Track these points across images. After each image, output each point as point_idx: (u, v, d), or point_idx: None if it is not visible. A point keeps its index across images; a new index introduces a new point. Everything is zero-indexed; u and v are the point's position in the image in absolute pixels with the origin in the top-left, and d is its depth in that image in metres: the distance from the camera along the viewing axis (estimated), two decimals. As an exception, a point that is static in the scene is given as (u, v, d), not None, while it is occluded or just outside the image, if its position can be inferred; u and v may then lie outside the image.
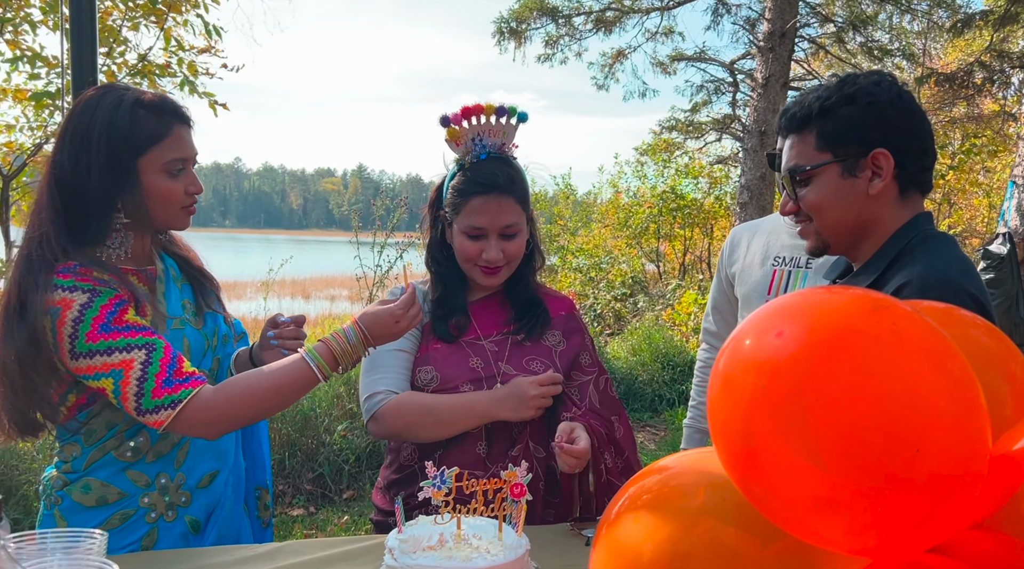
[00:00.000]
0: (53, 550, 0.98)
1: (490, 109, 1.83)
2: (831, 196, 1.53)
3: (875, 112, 1.50)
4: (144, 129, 1.54)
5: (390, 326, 1.60)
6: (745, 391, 0.78)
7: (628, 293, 10.64)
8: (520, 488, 1.46)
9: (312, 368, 1.53)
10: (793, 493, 0.76)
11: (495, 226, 1.81)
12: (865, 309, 0.78)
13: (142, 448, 1.58)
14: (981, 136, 10.77)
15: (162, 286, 1.65)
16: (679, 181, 12.18)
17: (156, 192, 1.57)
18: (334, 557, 1.54)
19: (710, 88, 10.90)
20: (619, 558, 0.99)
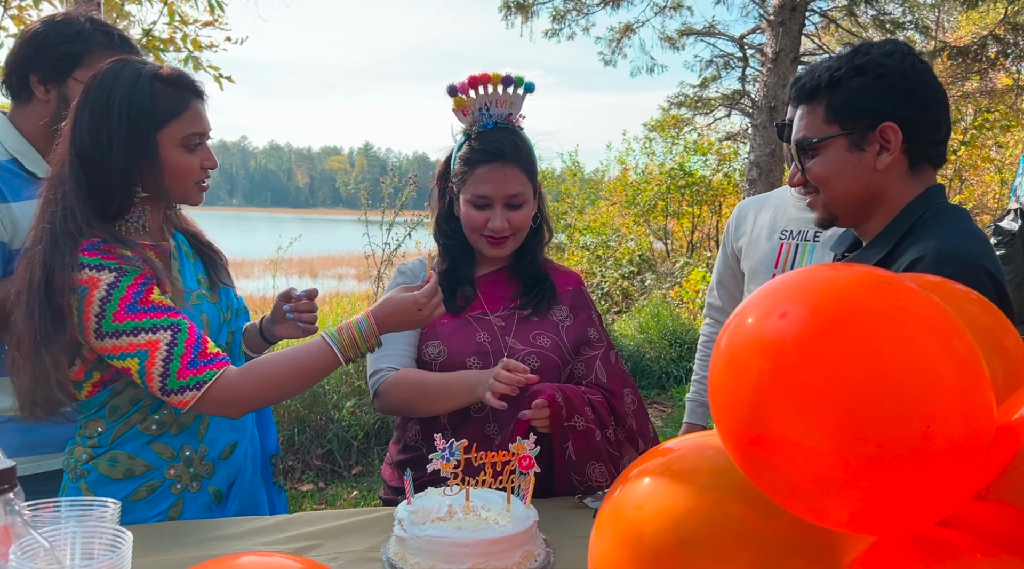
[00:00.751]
0: (68, 518, 0.99)
1: (497, 79, 1.82)
2: (838, 169, 1.52)
3: (885, 84, 1.47)
4: (163, 103, 1.55)
5: (412, 313, 1.62)
6: (750, 373, 0.78)
7: (636, 271, 10.61)
8: (528, 460, 1.47)
9: (335, 351, 1.57)
10: (799, 473, 0.76)
11: (500, 195, 1.82)
12: (870, 286, 0.78)
13: (166, 421, 1.60)
14: (994, 111, 10.64)
15: (176, 262, 1.66)
16: (687, 158, 12.09)
17: (174, 166, 1.57)
18: (344, 528, 1.56)
19: (719, 63, 10.78)
20: (620, 537, 1.00)
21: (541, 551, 1.44)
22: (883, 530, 0.79)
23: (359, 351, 1.60)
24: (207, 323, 1.63)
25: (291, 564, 0.84)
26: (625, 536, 0.98)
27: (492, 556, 1.35)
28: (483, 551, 1.35)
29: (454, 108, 1.85)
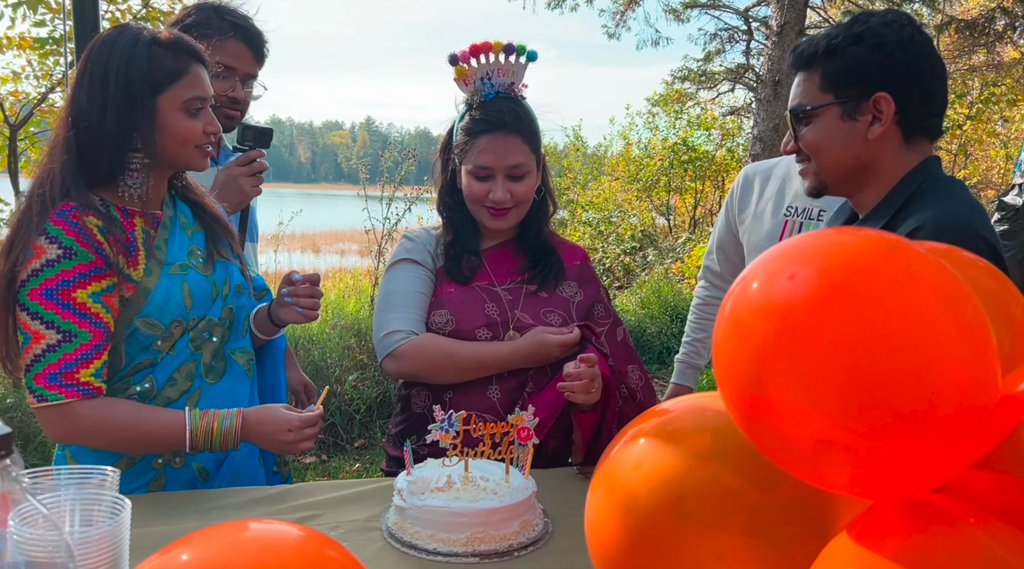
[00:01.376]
0: (67, 486, 1.00)
1: (498, 47, 1.80)
2: (829, 138, 1.52)
3: (881, 54, 1.47)
4: (162, 67, 1.54)
5: (281, 433, 1.58)
6: (756, 336, 0.77)
7: (638, 247, 10.59)
8: (527, 432, 1.48)
9: (185, 431, 1.54)
10: (801, 436, 0.75)
11: (502, 165, 1.80)
12: (879, 250, 0.76)
13: (148, 393, 1.60)
14: (1001, 85, 10.54)
15: (165, 232, 1.64)
16: (691, 133, 12.01)
17: (174, 131, 1.56)
18: (344, 498, 1.56)
19: (724, 36, 10.67)
20: (615, 499, 1.00)
21: (539, 521, 1.45)
22: (881, 494, 0.79)
23: (211, 443, 1.56)
24: (189, 294, 1.61)
25: (292, 530, 0.85)
26: (620, 496, 0.99)
27: (491, 526, 1.36)
28: (482, 521, 1.36)
29: (456, 77, 1.83)
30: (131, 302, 1.55)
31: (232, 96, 2.14)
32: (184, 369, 1.63)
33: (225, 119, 2.14)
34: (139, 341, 1.57)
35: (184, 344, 1.63)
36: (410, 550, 1.35)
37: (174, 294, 1.58)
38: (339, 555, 0.83)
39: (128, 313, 1.55)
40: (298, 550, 0.81)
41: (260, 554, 0.78)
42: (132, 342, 1.57)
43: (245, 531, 0.82)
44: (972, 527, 0.72)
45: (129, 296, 1.54)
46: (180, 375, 1.62)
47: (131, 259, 1.55)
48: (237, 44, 2.12)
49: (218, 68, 2.08)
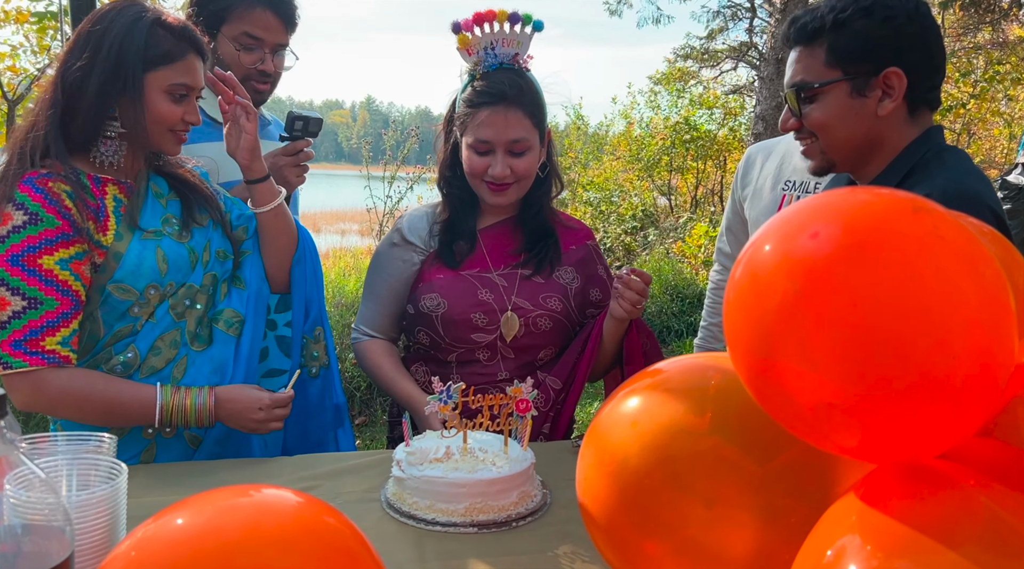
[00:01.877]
0: (64, 452, 1.00)
1: (503, 15, 1.75)
2: (838, 116, 1.47)
3: (892, 28, 1.42)
4: (159, 47, 1.55)
5: (251, 411, 1.59)
6: (774, 294, 0.75)
7: (639, 227, 10.56)
8: (526, 403, 1.48)
9: (155, 406, 1.54)
10: (814, 397, 0.74)
11: (502, 139, 1.75)
12: (905, 211, 0.75)
13: (131, 363, 1.59)
14: (1005, 63, 10.45)
15: (139, 200, 1.63)
16: (693, 112, 11.93)
17: (153, 110, 1.57)
18: (343, 469, 1.57)
19: (727, 14, 10.59)
20: (605, 461, 1.00)
21: (538, 492, 1.46)
22: (889, 458, 0.78)
23: (183, 421, 1.56)
24: (164, 259, 1.60)
25: (290, 497, 0.85)
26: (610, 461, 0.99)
27: (489, 496, 1.37)
28: (480, 491, 1.36)
29: (458, 47, 1.78)
30: (103, 267, 1.54)
31: (261, 69, 2.09)
32: (168, 337, 1.62)
33: (254, 93, 2.08)
34: (114, 307, 1.57)
35: (164, 311, 1.62)
36: (409, 520, 1.36)
37: (147, 259, 1.58)
38: (337, 522, 0.83)
39: (100, 279, 1.55)
40: (296, 516, 0.80)
41: (257, 519, 0.78)
42: (107, 309, 1.57)
43: (242, 496, 0.82)
44: (974, 490, 0.72)
45: (100, 262, 1.54)
46: (164, 343, 1.62)
47: (100, 224, 1.55)
48: (264, 14, 2.05)
49: (245, 39, 2.05)
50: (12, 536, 0.75)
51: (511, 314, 1.81)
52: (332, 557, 0.79)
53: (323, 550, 0.78)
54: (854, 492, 0.77)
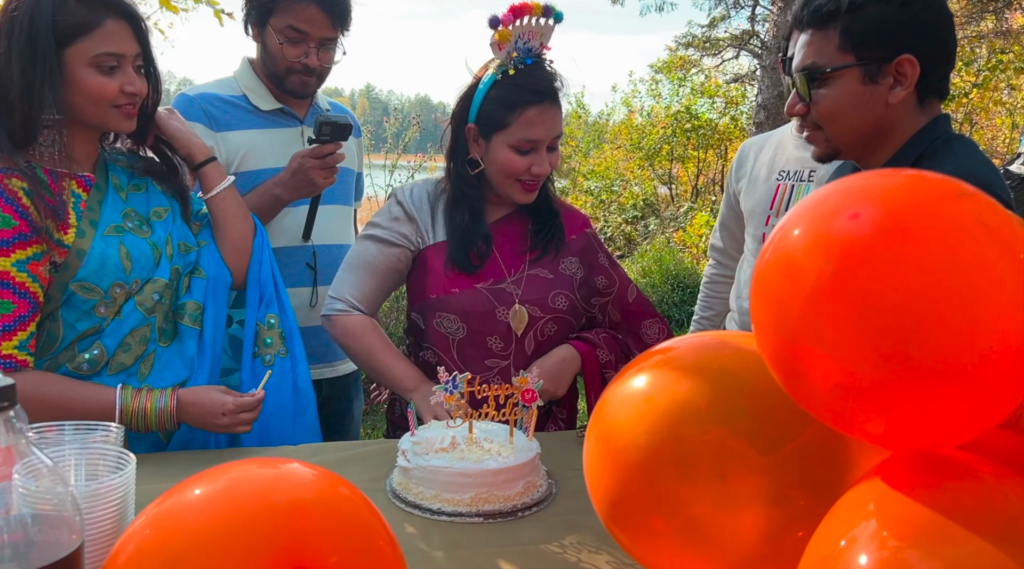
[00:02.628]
0: (72, 441, 1.00)
1: (538, 9, 1.68)
2: (848, 103, 1.44)
3: (908, 13, 1.38)
4: (71, 19, 1.46)
5: (215, 416, 1.54)
6: (809, 274, 0.73)
7: (639, 216, 10.55)
8: (531, 394, 1.48)
9: (115, 412, 1.50)
10: (844, 381, 0.73)
11: (549, 137, 1.71)
12: (949, 196, 0.74)
13: (98, 360, 1.55)
14: (1008, 52, 10.40)
15: (99, 194, 1.58)
16: (694, 101, 11.89)
17: (84, 87, 1.49)
18: (348, 458, 1.57)
19: (729, 2, 10.50)
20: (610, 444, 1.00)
21: (543, 482, 1.46)
22: (913, 445, 0.78)
23: (145, 424, 1.52)
24: (127, 256, 1.55)
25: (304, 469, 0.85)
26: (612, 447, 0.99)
27: (495, 486, 1.37)
28: (486, 481, 1.36)
29: (495, 40, 1.68)
30: (64, 266, 1.49)
31: (305, 63, 2.05)
32: (138, 333, 1.58)
33: (299, 86, 2.08)
34: (77, 307, 1.52)
35: (132, 308, 1.57)
36: (414, 510, 1.36)
37: (111, 256, 1.53)
38: (351, 493, 0.83)
39: (63, 277, 1.49)
40: (311, 487, 0.81)
41: (272, 490, 0.78)
42: (70, 308, 1.51)
43: (258, 468, 0.82)
44: (995, 482, 0.71)
45: (61, 261, 1.49)
46: (134, 339, 1.58)
47: (61, 222, 1.49)
48: (310, 7, 1.99)
49: (290, 32, 2.01)
50: (22, 526, 0.75)
51: (519, 307, 1.76)
52: (348, 527, 0.79)
53: (339, 520, 0.78)
54: (869, 480, 0.77)
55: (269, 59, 2.08)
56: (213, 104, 2.10)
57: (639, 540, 1.00)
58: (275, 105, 2.14)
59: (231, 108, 2.11)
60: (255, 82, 2.15)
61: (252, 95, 2.13)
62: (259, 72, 2.15)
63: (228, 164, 2.06)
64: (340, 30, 2.08)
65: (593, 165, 12.05)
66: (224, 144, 2.07)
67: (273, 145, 2.12)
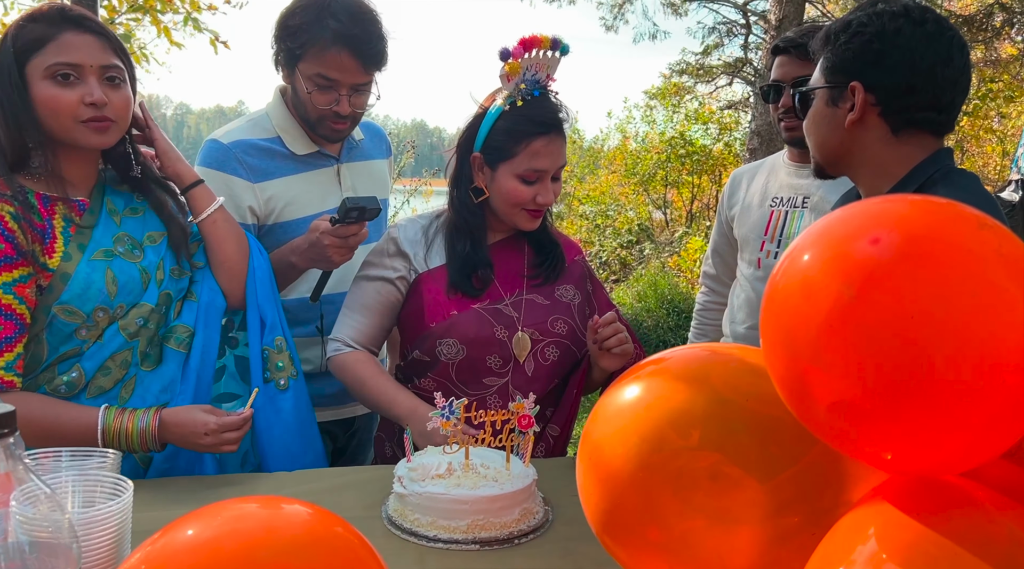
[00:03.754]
0: (68, 467, 0.99)
1: (547, 42, 1.71)
2: (815, 121, 1.58)
3: (858, 43, 1.48)
4: (26, 35, 1.47)
5: (197, 436, 1.53)
6: (827, 297, 0.73)
7: (634, 241, 10.58)
8: (528, 419, 1.48)
9: (98, 432, 1.49)
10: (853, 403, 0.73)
11: (554, 167, 1.75)
12: (971, 227, 0.74)
13: (76, 383, 1.54)
14: (998, 81, 10.55)
15: (92, 218, 1.59)
16: (689, 127, 12.00)
17: (42, 100, 1.48)
18: (344, 485, 1.56)
19: (722, 30, 10.65)
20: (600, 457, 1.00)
21: (540, 509, 1.45)
22: (916, 471, 0.78)
23: (128, 444, 1.51)
24: (113, 280, 1.55)
25: (300, 508, 0.84)
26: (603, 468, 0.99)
27: (491, 513, 1.36)
28: (482, 508, 1.36)
29: (505, 73, 1.70)
30: (48, 289, 1.49)
31: (336, 110, 1.94)
32: (119, 357, 1.58)
33: (331, 133, 1.99)
34: (59, 330, 1.52)
35: (114, 332, 1.57)
36: (410, 537, 1.35)
37: (95, 281, 1.53)
38: (347, 532, 0.83)
39: (47, 300, 1.49)
40: (307, 527, 0.80)
41: (268, 529, 0.78)
42: (53, 331, 1.52)
43: (253, 508, 0.82)
44: (995, 511, 0.72)
45: (46, 284, 1.49)
46: (115, 363, 1.58)
47: (46, 246, 1.49)
48: (340, 54, 1.86)
49: (319, 80, 1.90)
50: (19, 553, 0.75)
51: (522, 334, 1.77)
52: (343, 566, 0.78)
53: (334, 559, 0.78)
54: (869, 503, 0.77)
55: (300, 104, 1.99)
56: (248, 153, 2.00)
57: (633, 552, 1.00)
58: (311, 148, 2.06)
59: (266, 155, 2.02)
60: (289, 122, 2.05)
61: (287, 137, 2.04)
62: (292, 109, 2.05)
63: (268, 214, 2.00)
64: (374, 72, 1.97)
65: (588, 190, 12.10)
66: (263, 193, 2.00)
67: (311, 190, 2.05)
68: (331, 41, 1.85)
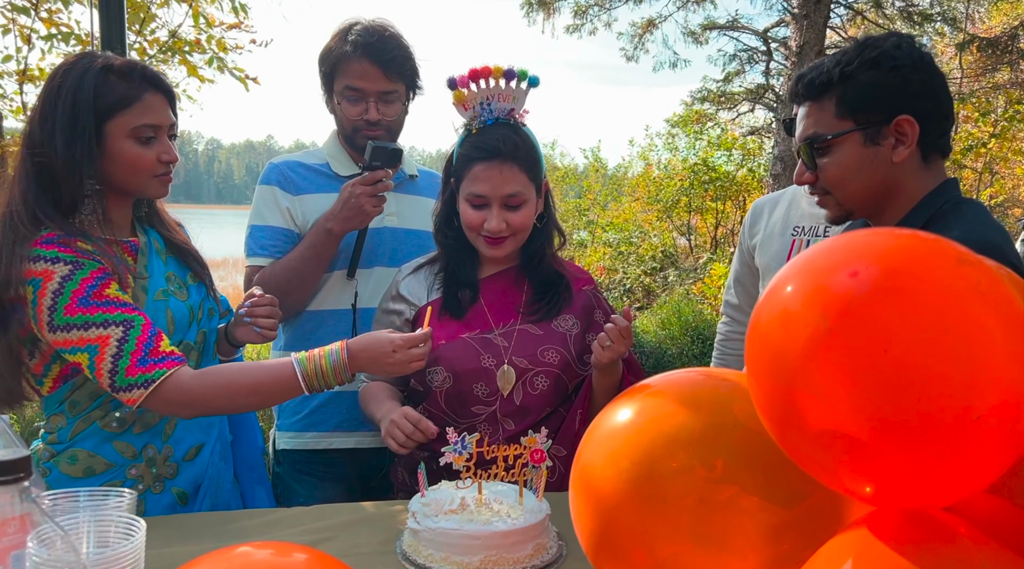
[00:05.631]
0: (85, 507, 1.02)
1: (498, 72, 1.76)
2: (853, 166, 1.50)
3: (899, 77, 1.45)
4: (111, 93, 1.53)
5: (386, 354, 1.57)
6: (805, 328, 0.74)
7: (658, 267, 10.56)
8: (540, 454, 1.48)
9: (297, 376, 1.53)
10: (832, 435, 0.74)
11: (497, 194, 1.77)
12: (950, 262, 0.75)
13: (127, 419, 1.59)
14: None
15: (144, 258, 1.65)
16: (711, 153, 12.00)
17: (124, 158, 1.56)
18: (358, 520, 1.57)
19: (743, 57, 10.68)
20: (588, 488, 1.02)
21: (553, 544, 1.45)
22: (898, 504, 0.78)
23: (324, 382, 1.55)
24: (172, 320, 1.61)
25: (300, 555, 0.86)
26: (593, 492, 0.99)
27: (504, 549, 1.36)
28: (495, 544, 1.36)
29: (454, 102, 1.79)
30: None
31: (366, 118, 2.10)
32: None
33: (363, 141, 2.09)
34: None
35: None
36: (424, 573, 1.35)
37: (159, 321, 1.57)
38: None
39: None
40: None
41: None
42: None
43: (255, 555, 0.83)
44: (972, 547, 0.71)
45: None
46: None
47: (123, 283, 1.54)
48: (362, 63, 2.06)
49: (348, 92, 2.09)
50: (33, 594, 0.77)
51: (507, 367, 1.78)
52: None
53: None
54: (851, 532, 0.77)
55: (340, 125, 2.18)
56: (294, 170, 2.19)
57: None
58: (354, 170, 2.18)
59: (311, 173, 2.19)
60: (337, 149, 2.23)
61: (334, 162, 2.20)
62: (340, 139, 2.23)
63: (304, 224, 2.12)
64: (399, 82, 2.12)
65: (612, 217, 12.12)
66: (300, 205, 2.14)
67: None
68: (352, 53, 2.06)
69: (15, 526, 0.79)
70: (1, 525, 0.79)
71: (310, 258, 2.04)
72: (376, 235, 2.13)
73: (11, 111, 5.35)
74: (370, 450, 2.18)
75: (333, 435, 2.17)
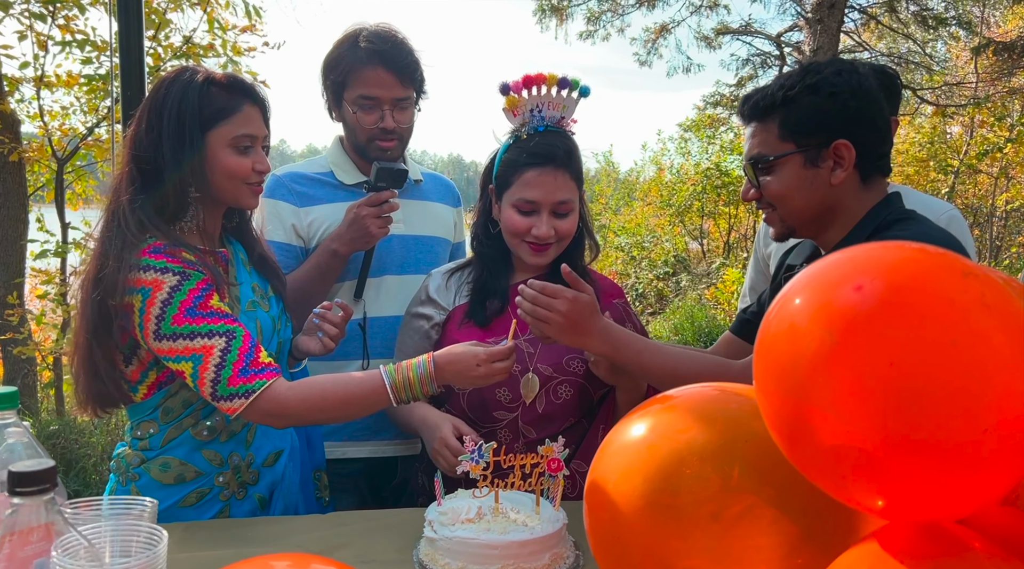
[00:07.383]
0: (108, 517, 1.02)
1: (552, 80, 1.76)
2: (794, 186, 1.55)
3: (837, 103, 1.50)
4: (213, 104, 1.59)
5: (471, 367, 1.58)
6: (810, 342, 0.74)
7: (671, 272, 10.54)
8: (557, 463, 1.47)
9: (387, 388, 1.56)
10: (841, 451, 0.74)
11: (548, 201, 1.76)
12: (955, 275, 0.74)
13: (218, 427, 1.63)
14: (1042, 107, 10.35)
15: (234, 269, 1.69)
16: (724, 157, 11.96)
17: (223, 167, 1.60)
18: (375, 528, 1.57)
19: (756, 62, 10.69)
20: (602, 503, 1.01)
21: (570, 553, 1.44)
22: (907, 518, 0.78)
23: (412, 394, 1.58)
24: (260, 330, 1.65)
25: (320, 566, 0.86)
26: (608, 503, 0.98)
27: (521, 558, 1.36)
28: (512, 553, 1.35)
29: (505, 107, 1.78)
30: None
31: (382, 127, 2.08)
32: None
33: (378, 150, 2.10)
34: None
35: None
36: (441, 582, 1.35)
37: (251, 331, 1.59)
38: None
39: None
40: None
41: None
42: None
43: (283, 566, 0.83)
44: (983, 562, 0.71)
45: None
46: None
47: (222, 293, 1.58)
48: (376, 71, 2.04)
49: (362, 101, 2.06)
50: (58, 604, 0.77)
51: (532, 376, 1.78)
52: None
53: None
54: (863, 545, 0.77)
55: (351, 134, 2.15)
56: (299, 182, 2.16)
57: None
58: (359, 178, 2.17)
59: (316, 184, 2.17)
60: (342, 158, 2.21)
61: (338, 171, 2.18)
62: (347, 147, 2.21)
63: (311, 237, 2.12)
64: (411, 88, 2.11)
65: (624, 222, 12.11)
66: (306, 217, 2.13)
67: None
68: (366, 61, 2.03)
69: (39, 535, 0.79)
70: (25, 534, 0.79)
71: (315, 278, 2.05)
72: (384, 244, 2.12)
73: (28, 116, 5.41)
74: (384, 459, 2.18)
75: (347, 444, 2.16)
